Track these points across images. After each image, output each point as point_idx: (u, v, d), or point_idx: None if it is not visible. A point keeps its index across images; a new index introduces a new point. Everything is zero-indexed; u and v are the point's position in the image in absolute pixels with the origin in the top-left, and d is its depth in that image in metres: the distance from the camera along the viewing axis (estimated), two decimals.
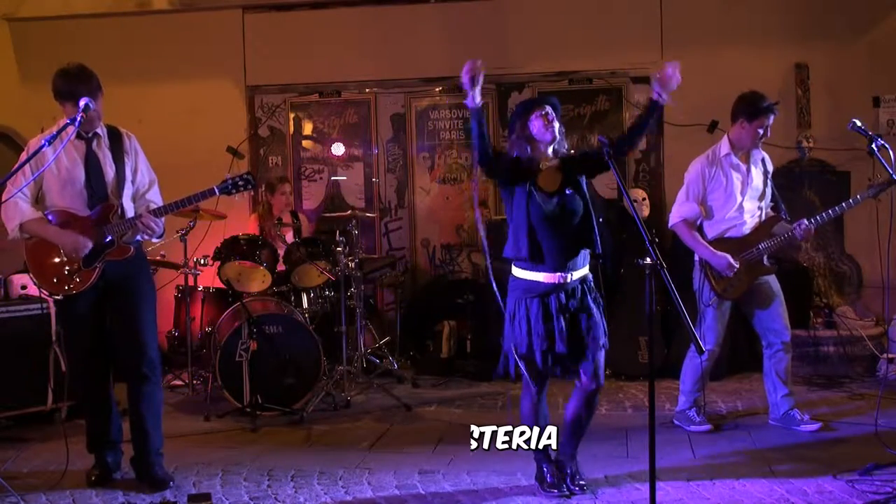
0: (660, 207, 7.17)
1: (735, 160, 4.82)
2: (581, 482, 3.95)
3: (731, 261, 4.69)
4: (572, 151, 3.99)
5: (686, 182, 4.89)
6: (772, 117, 4.74)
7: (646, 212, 6.74)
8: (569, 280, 3.77)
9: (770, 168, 4.95)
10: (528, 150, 3.86)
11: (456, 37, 7.35)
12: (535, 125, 3.85)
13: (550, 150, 3.88)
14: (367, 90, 7.60)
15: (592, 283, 3.90)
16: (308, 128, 7.70)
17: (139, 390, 4.17)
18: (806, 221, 4.73)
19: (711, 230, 4.85)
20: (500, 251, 3.98)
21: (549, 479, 3.93)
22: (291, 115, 7.67)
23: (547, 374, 3.85)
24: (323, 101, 7.65)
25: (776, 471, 4.13)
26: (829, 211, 4.74)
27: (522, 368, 3.82)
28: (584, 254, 3.84)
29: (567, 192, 3.80)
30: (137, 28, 7.49)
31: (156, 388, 4.22)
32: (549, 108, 3.87)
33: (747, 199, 4.82)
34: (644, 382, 6.08)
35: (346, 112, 7.65)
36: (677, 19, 7.12)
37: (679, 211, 4.86)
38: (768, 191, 4.91)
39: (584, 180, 3.90)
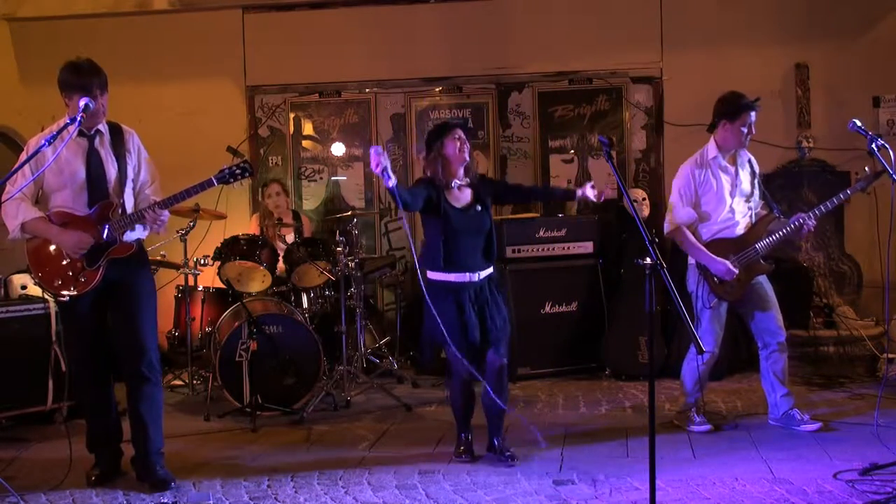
0: (660, 207, 7.16)
1: (723, 162, 4.79)
2: (508, 453, 4.41)
3: (731, 266, 4.68)
4: (482, 175, 4.58)
5: (677, 187, 4.85)
6: (753, 114, 4.72)
7: (646, 212, 6.74)
8: (475, 280, 4.35)
9: (757, 169, 4.92)
10: (441, 169, 4.36)
11: (456, 37, 7.36)
12: (450, 148, 4.36)
13: (462, 169, 4.40)
14: (367, 90, 7.60)
15: (496, 279, 4.53)
16: (308, 128, 7.70)
17: (139, 391, 4.16)
18: (804, 215, 4.71)
19: (705, 232, 4.83)
20: None
21: (461, 448, 4.49)
22: (291, 115, 7.67)
23: (465, 357, 4.30)
24: (323, 101, 7.64)
25: (776, 471, 4.13)
26: (823, 205, 4.71)
27: (449, 356, 4.37)
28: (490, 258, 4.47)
29: (476, 208, 4.40)
30: (137, 28, 7.48)
31: (156, 389, 4.22)
32: (461, 133, 4.40)
33: (736, 201, 4.80)
34: (644, 382, 6.08)
35: (346, 112, 7.64)
36: (677, 19, 7.13)
37: (676, 217, 4.82)
38: (756, 191, 4.90)
39: (489, 202, 4.49)
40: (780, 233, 4.75)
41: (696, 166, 4.82)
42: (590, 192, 4.50)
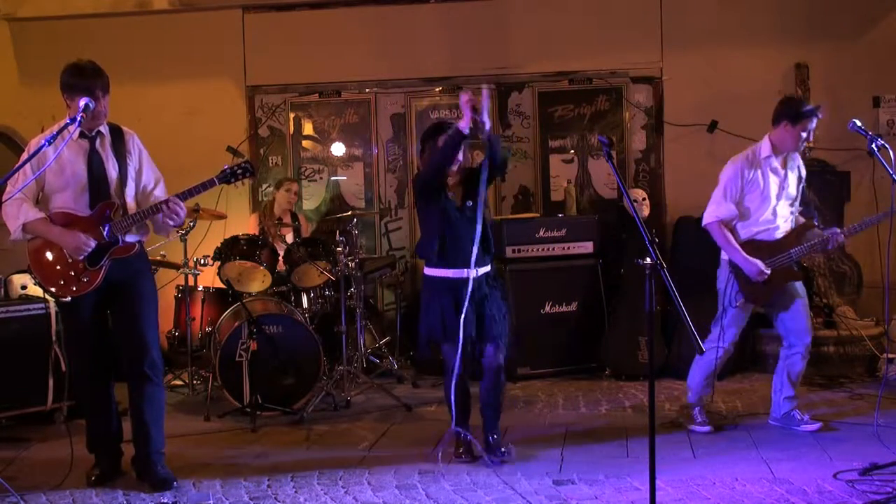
0: (660, 207, 7.18)
1: (774, 163, 4.74)
2: (502, 450, 4.44)
3: (763, 267, 4.64)
4: (468, 168, 4.55)
5: (723, 182, 4.78)
6: (815, 120, 4.67)
7: (646, 212, 6.74)
8: (473, 275, 4.35)
9: (804, 174, 4.89)
10: None
11: (456, 37, 7.36)
12: None
13: (456, 167, 4.42)
14: (367, 90, 7.60)
15: (495, 276, 4.54)
16: (308, 128, 7.70)
17: (141, 391, 4.16)
18: (838, 231, 4.69)
19: (743, 232, 4.78)
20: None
21: (460, 448, 4.47)
22: (291, 115, 7.67)
23: (462, 354, 4.35)
24: (323, 101, 7.65)
25: (776, 471, 4.13)
26: (862, 222, 4.70)
27: (444, 354, 4.42)
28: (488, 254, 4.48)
29: (468, 204, 4.41)
30: (137, 28, 7.49)
31: (158, 389, 4.21)
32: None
33: (781, 204, 4.76)
34: (644, 382, 6.08)
35: (346, 112, 7.65)
36: (677, 19, 7.13)
37: (716, 211, 4.76)
38: (800, 196, 4.87)
39: (482, 192, 4.41)
40: (813, 242, 4.72)
41: (747, 164, 4.74)
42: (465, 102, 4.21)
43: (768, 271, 4.65)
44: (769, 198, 4.73)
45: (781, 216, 4.78)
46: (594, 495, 3.90)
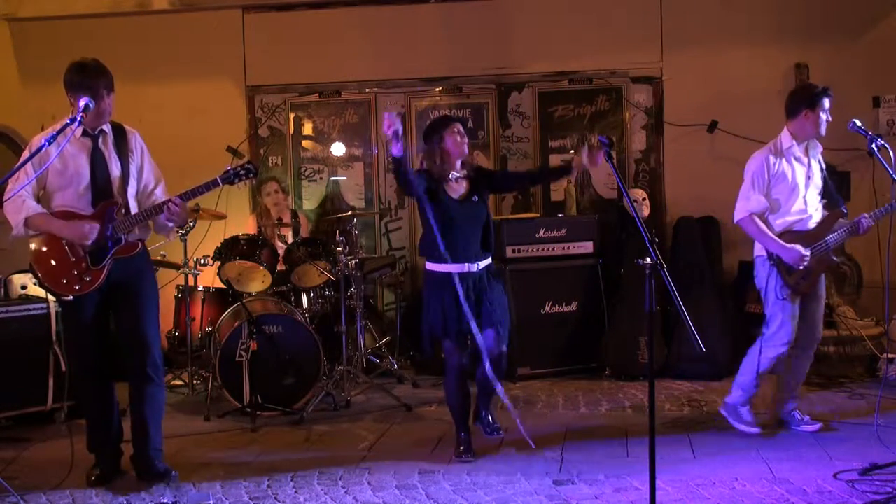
0: (660, 207, 7.18)
1: (797, 153, 4.73)
2: (496, 426, 4.76)
3: (803, 252, 4.59)
4: (479, 166, 4.69)
5: (750, 175, 4.74)
6: (828, 100, 4.68)
7: (646, 212, 6.74)
8: (474, 269, 4.42)
9: (823, 164, 4.89)
10: (440, 161, 4.47)
11: (456, 37, 7.36)
12: (449, 141, 4.48)
13: (459, 162, 4.50)
14: (367, 90, 7.59)
15: (494, 270, 4.58)
16: (308, 128, 7.70)
17: (142, 391, 4.16)
18: (866, 216, 4.69)
19: (779, 224, 4.73)
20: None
21: (461, 448, 4.47)
22: (291, 115, 7.67)
23: (462, 348, 4.47)
24: (323, 101, 7.64)
25: (776, 471, 4.13)
26: (885, 208, 4.69)
27: (445, 350, 4.48)
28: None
29: (473, 199, 4.49)
30: (137, 28, 7.48)
31: (159, 390, 4.22)
32: (460, 126, 4.54)
33: (810, 192, 4.74)
34: (644, 382, 6.08)
35: (346, 112, 7.64)
36: (677, 19, 7.13)
37: (747, 205, 4.71)
38: (823, 186, 4.85)
39: (486, 193, 4.58)
40: (846, 229, 4.71)
41: (772, 154, 4.72)
42: (585, 159, 4.43)
43: (808, 253, 4.60)
44: (798, 186, 4.70)
45: (812, 205, 4.75)
46: (594, 495, 3.90)
